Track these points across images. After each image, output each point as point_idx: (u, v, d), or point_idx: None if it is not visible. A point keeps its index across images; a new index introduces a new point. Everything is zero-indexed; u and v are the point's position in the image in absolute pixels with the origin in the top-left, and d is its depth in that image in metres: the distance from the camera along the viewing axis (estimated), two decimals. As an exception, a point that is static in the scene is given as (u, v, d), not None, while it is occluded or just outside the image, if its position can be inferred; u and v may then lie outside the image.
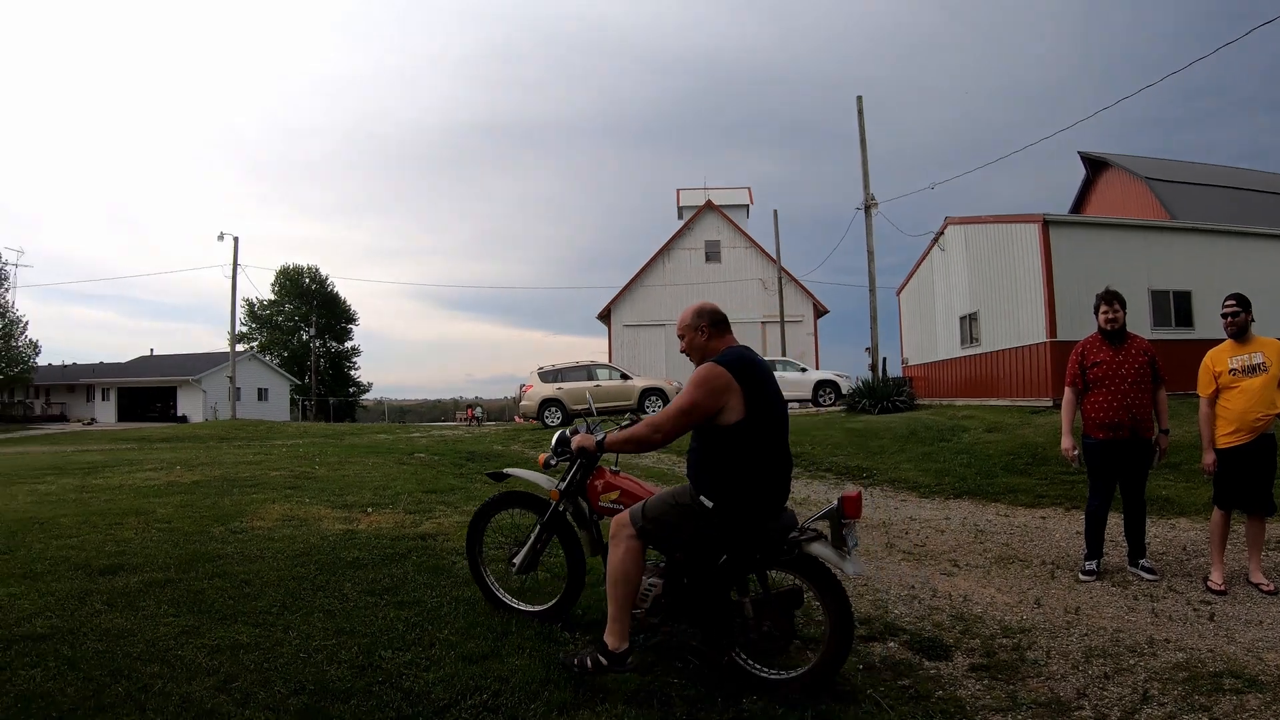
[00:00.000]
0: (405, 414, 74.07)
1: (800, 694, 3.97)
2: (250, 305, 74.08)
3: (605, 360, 35.29)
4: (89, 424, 49.26)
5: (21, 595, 5.60)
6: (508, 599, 5.41)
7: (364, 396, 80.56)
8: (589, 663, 4.02)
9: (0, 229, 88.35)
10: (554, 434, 5.13)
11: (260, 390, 60.04)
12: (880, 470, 12.53)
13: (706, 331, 4.44)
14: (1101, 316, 6.67)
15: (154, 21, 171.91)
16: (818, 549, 4.06)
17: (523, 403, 24.81)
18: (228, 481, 11.15)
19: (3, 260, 50.65)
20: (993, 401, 20.91)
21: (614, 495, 4.74)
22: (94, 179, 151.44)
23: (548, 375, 24.41)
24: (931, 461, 12.74)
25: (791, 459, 4.31)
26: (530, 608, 5.29)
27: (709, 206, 45.29)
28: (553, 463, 5.10)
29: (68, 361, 64.46)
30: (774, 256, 42.02)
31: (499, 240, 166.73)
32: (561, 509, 5.09)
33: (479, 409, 55.71)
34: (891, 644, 4.97)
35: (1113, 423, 6.46)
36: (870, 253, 25.47)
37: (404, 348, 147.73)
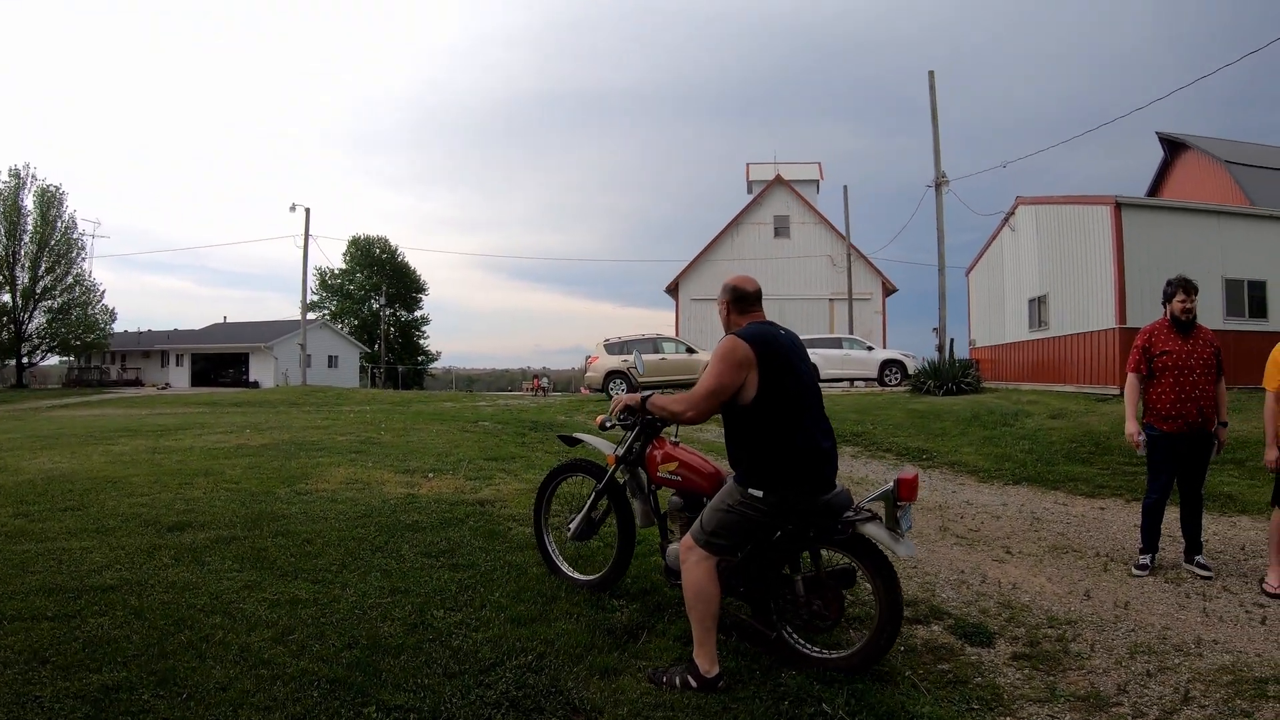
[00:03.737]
0: (473, 383, 75.07)
1: (844, 673, 4.06)
2: (322, 274, 75.94)
3: (672, 334, 35.33)
4: (163, 388, 51.02)
5: (93, 549, 6.03)
6: (563, 566, 5.66)
7: (432, 365, 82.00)
8: (678, 682, 3.98)
9: (78, 201, 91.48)
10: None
11: (330, 357, 61.54)
12: (940, 452, 12.49)
13: (728, 306, 4.50)
14: (1177, 304, 6.54)
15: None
16: (871, 530, 4.10)
17: (588, 374, 25.10)
18: (295, 445, 11.60)
19: (80, 231, 52.61)
20: (1059, 387, 20.56)
21: (672, 466, 4.81)
22: (170, 152, 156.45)
23: (613, 347, 24.61)
24: (993, 446, 12.66)
25: (832, 432, 4.36)
26: (581, 576, 5.51)
27: (778, 181, 44.92)
28: (610, 424, 5.27)
29: (144, 328, 66.89)
30: (843, 233, 41.54)
31: (568, 211, 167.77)
32: (618, 476, 5.25)
33: (545, 379, 56.20)
34: (935, 627, 5.06)
35: (1177, 414, 6.38)
36: (940, 231, 25.08)
37: (473, 317, 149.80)
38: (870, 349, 27.82)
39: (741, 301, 4.46)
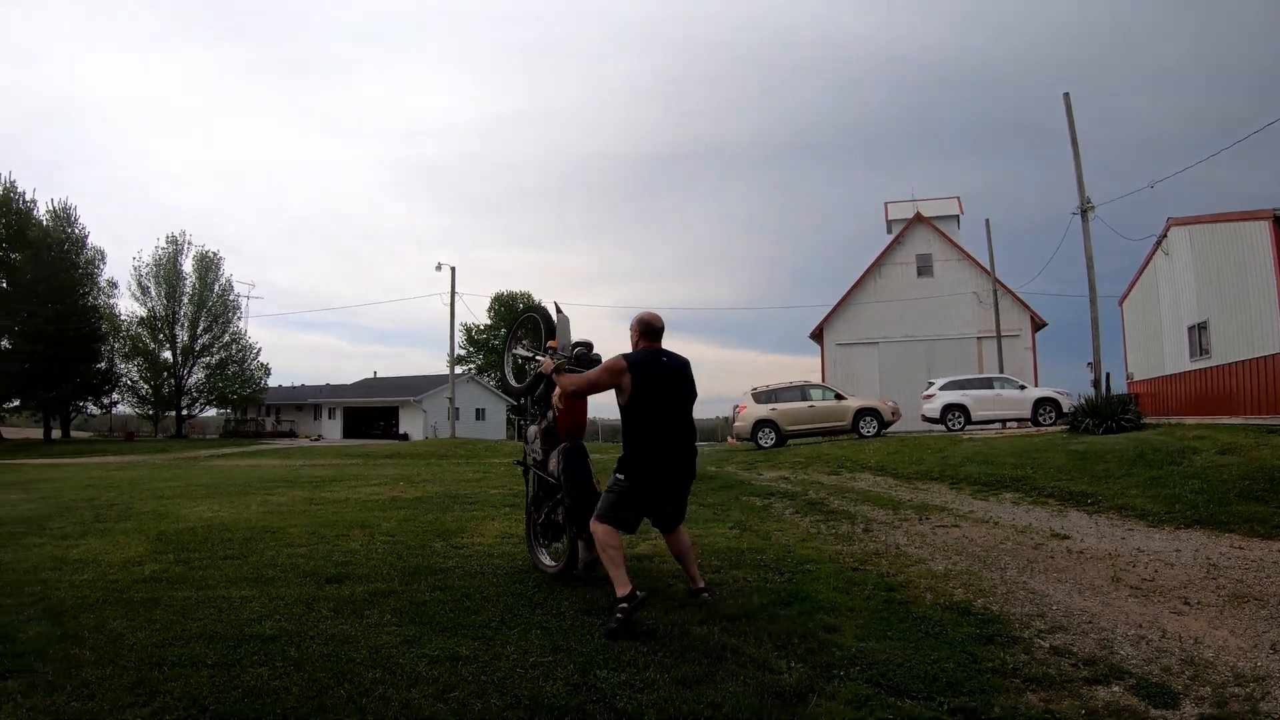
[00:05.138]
0: (617, 433, 75.93)
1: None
2: (468, 330, 78.56)
3: (818, 380, 34.79)
4: (316, 440, 53.25)
5: (253, 598, 6.19)
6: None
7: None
8: (619, 618, 5.30)
9: (234, 265, 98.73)
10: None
11: (478, 410, 63.19)
12: (1105, 496, 11.71)
13: (637, 334, 6.02)
14: None
15: (359, 68, 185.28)
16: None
17: (736, 424, 25.02)
18: (449, 498, 11.80)
19: (236, 292, 57.85)
20: (1225, 419, 19.11)
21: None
22: (318, 217, 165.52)
23: (761, 396, 24.51)
24: (1160, 487, 11.81)
25: (687, 443, 6.02)
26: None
27: (918, 219, 43.91)
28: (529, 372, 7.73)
29: (298, 383, 70.76)
30: (988, 268, 40.22)
31: (703, 261, 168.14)
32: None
33: (692, 430, 56.28)
34: (1116, 688, 4.66)
35: None
36: (1089, 260, 23.80)
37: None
38: (1023, 387, 26.69)
39: (647, 333, 5.99)
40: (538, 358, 7.26)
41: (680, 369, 6.00)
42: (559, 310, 7.07)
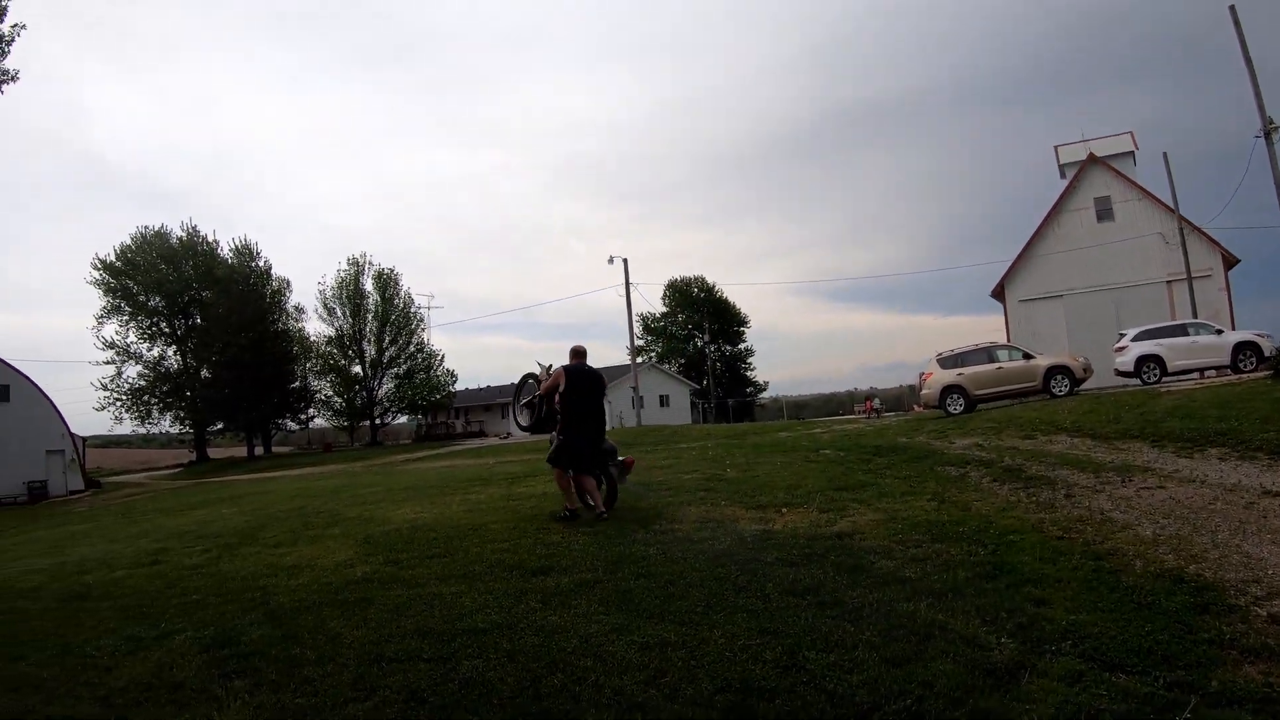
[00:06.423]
0: (801, 409, 75.42)
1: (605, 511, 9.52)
2: (644, 319, 79.50)
3: (1004, 340, 33.46)
4: (505, 438, 54.83)
5: (463, 593, 6.53)
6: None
7: (761, 395, 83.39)
8: (564, 516, 9.49)
9: (413, 279, 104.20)
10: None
11: (661, 397, 63.91)
12: None
13: (571, 356, 10.04)
14: None
15: (509, 76, 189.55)
16: (611, 471, 9.97)
17: (923, 391, 24.32)
18: (642, 485, 11.95)
19: (416, 305, 61.30)
20: None
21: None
22: (488, 223, 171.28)
23: (948, 360, 23.74)
24: None
25: (597, 421, 9.86)
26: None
27: (1092, 160, 41.33)
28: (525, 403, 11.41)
29: (483, 384, 73.47)
30: (1170, 206, 37.58)
31: (872, 226, 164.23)
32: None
33: (877, 400, 55.41)
34: None
35: None
36: (1279, 186, 21.96)
37: (794, 344, 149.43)
38: (1220, 332, 24.80)
39: (577, 354, 10.04)
40: (535, 397, 10.70)
41: (593, 374, 10.07)
42: (541, 366, 10.95)
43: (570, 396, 9.51)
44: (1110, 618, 5.06)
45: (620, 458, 10.12)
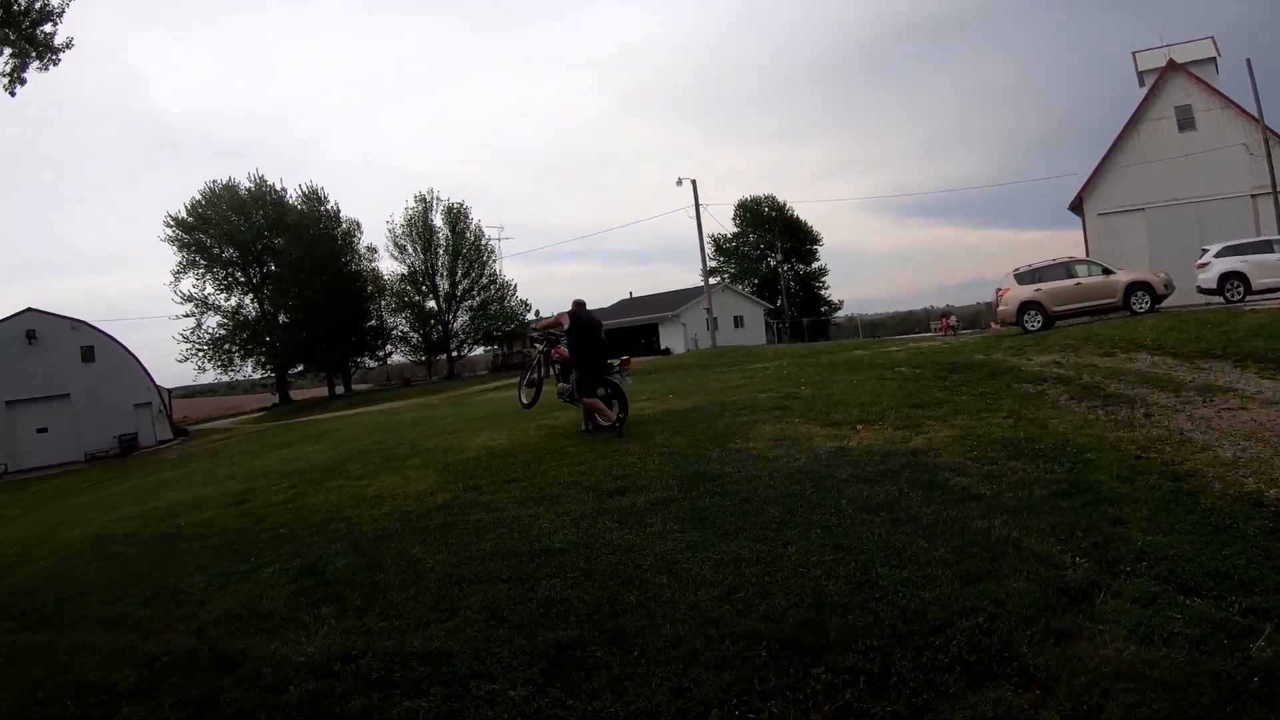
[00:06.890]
0: (877, 328, 74.72)
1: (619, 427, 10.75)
2: (716, 240, 78.85)
3: (1082, 255, 32.52)
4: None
5: (540, 515, 6.69)
6: (523, 399, 14.24)
7: (835, 314, 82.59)
8: (583, 429, 11.43)
9: (484, 213, 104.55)
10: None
11: (736, 318, 63.63)
12: None
13: (573, 304, 11.89)
14: None
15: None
16: (615, 378, 11.47)
17: (1000, 308, 23.81)
18: (718, 405, 12.03)
19: (487, 238, 61.74)
20: None
21: (557, 355, 12.48)
22: (555, 151, 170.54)
23: (1025, 276, 23.17)
24: None
25: (600, 351, 11.48)
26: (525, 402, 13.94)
27: (1172, 67, 39.41)
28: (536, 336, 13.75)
29: (557, 311, 73.85)
30: (1255, 115, 35.79)
31: (944, 140, 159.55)
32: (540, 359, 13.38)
33: (954, 317, 54.65)
34: None
35: None
36: None
37: (868, 262, 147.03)
38: None
39: (577, 305, 11.88)
40: (535, 331, 13.75)
41: (592, 317, 11.91)
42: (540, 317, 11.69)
43: (575, 335, 11.51)
44: (1187, 540, 4.99)
45: (614, 360, 11.95)
